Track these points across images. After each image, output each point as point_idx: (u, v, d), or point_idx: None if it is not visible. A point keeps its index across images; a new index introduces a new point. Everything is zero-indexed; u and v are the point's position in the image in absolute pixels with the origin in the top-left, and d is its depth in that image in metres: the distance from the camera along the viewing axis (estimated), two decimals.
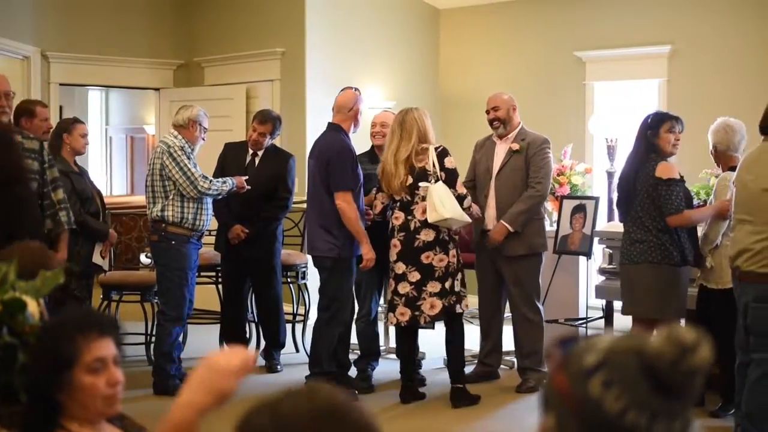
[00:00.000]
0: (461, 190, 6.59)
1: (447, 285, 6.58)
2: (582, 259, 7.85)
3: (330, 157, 6.75)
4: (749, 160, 5.50)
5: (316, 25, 9.87)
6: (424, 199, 6.51)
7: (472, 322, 8.01)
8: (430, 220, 6.49)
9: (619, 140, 8.50)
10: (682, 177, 6.11)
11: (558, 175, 8.24)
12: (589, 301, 7.98)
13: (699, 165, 7.42)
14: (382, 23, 10.50)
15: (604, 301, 7.43)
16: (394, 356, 7.67)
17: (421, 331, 7.14)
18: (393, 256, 6.63)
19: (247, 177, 7.33)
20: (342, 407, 1.56)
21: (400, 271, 6.60)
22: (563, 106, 9.90)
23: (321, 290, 6.96)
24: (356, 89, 7.09)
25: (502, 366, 7.59)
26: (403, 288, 6.59)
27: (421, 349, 7.53)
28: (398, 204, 6.64)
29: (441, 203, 6.43)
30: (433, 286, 6.56)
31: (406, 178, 6.54)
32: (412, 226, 6.58)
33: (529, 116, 8.40)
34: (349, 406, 1.57)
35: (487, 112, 7.21)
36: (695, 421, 1.54)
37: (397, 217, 6.64)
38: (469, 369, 7.32)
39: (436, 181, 6.49)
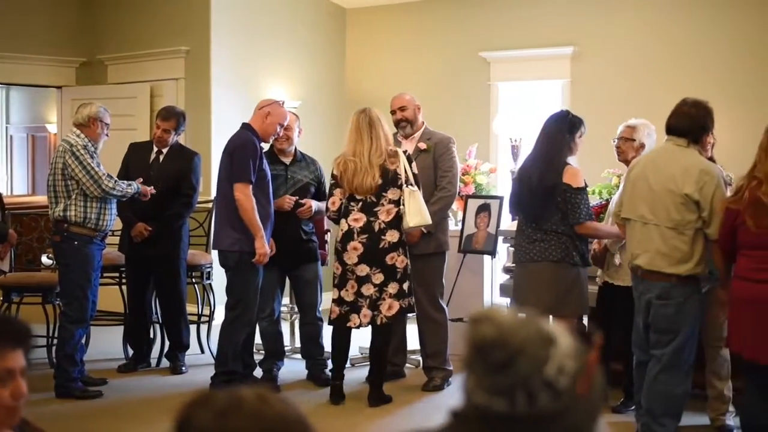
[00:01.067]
0: None
1: (405, 286, 6.60)
2: (486, 258, 7.91)
3: (233, 150, 6.72)
4: (652, 160, 5.58)
5: (221, 23, 9.80)
6: (395, 203, 6.51)
7: None
8: (411, 224, 6.51)
9: (523, 140, 8.59)
10: (585, 184, 6.17)
11: (463, 174, 8.30)
12: (493, 300, 8.06)
13: (601, 164, 7.51)
14: (289, 22, 10.47)
15: (508, 300, 7.50)
16: (299, 356, 7.67)
17: (324, 331, 7.17)
18: (353, 258, 6.53)
19: (152, 188, 7.21)
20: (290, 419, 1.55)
21: (364, 273, 6.54)
22: (468, 106, 9.99)
23: (228, 289, 6.89)
24: (280, 102, 7.13)
25: (407, 365, 7.62)
26: (368, 290, 6.54)
27: (326, 349, 7.52)
28: (360, 205, 6.57)
29: (425, 208, 6.54)
30: (393, 287, 6.55)
31: (377, 179, 6.51)
32: (376, 228, 6.53)
33: (435, 116, 8.47)
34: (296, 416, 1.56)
35: (393, 112, 7.24)
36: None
37: (357, 219, 6.55)
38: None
39: (407, 185, 6.50)
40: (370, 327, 6.65)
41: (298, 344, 7.95)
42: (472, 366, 1.55)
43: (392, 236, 6.52)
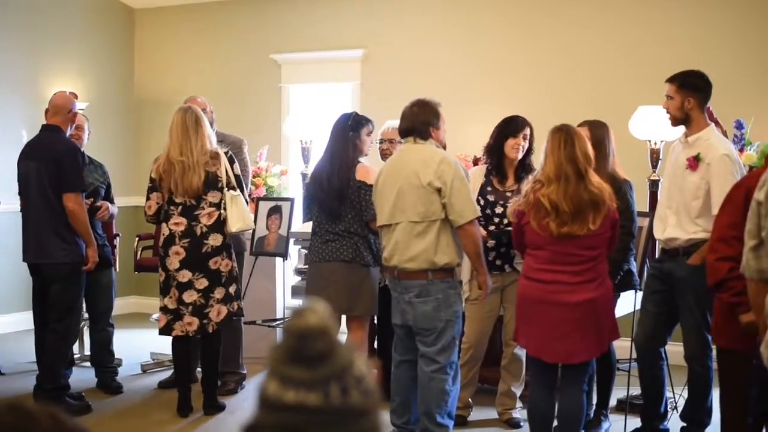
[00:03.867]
0: None
1: (231, 290, 6.47)
2: (278, 260, 7.92)
3: (59, 158, 6.42)
4: (392, 164, 5.66)
5: (1, 24, 9.45)
6: (216, 206, 6.38)
7: None
8: (233, 230, 6.39)
9: (313, 142, 8.65)
10: None
11: (254, 176, 8.29)
12: (286, 302, 8.07)
13: None
14: (73, 22, 10.19)
15: (300, 301, 7.52)
16: (88, 364, 7.49)
17: (114, 338, 7.02)
18: (175, 264, 6.36)
19: None
20: None
21: (185, 279, 6.36)
22: (260, 108, 9.97)
23: (55, 301, 6.56)
24: (72, 93, 6.85)
25: (199, 369, 7.54)
26: (190, 297, 6.36)
27: (117, 356, 7.37)
28: (180, 208, 6.39)
29: (247, 213, 6.46)
30: (219, 292, 6.40)
31: (203, 179, 6.34)
32: (198, 232, 6.36)
33: (227, 118, 8.44)
34: None
35: None
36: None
37: (178, 223, 6.36)
38: (168, 373, 7.27)
39: (229, 189, 6.38)
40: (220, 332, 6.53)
41: (87, 352, 7.74)
42: (287, 361, 1.55)
43: (215, 240, 6.38)
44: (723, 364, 5.10)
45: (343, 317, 6.20)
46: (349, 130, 6.15)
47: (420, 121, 5.54)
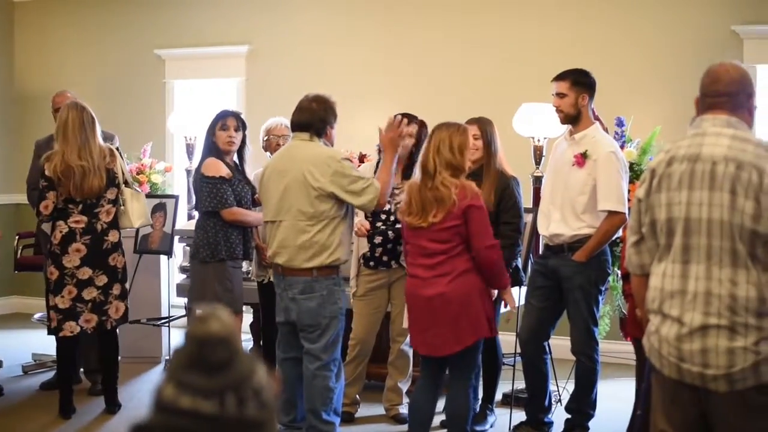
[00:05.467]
0: None
1: (126, 286, 6.42)
2: (163, 257, 7.82)
3: None
4: (279, 158, 5.61)
5: None
6: (113, 202, 6.29)
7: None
8: (136, 225, 6.44)
9: (198, 138, 8.56)
10: (229, 177, 6.18)
11: (138, 173, 8.17)
12: (171, 300, 7.98)
13: None
14: None
15: (186, 299, 7.44)
16: None
17: None
18: (75, 261, 6.22)
19: None
20: None
21: (86, 276, 6.24)
22: (143, 104, 9.83)
23: None
24: None
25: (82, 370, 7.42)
26: (89, 293, 6.25)
27: None
28: (80, 207, 6.24)
29: (147, 209, 6.46)
30: (117, 289, 6.34)
31: (104, 180, 6.23)
32: (99, 228, 6.27)
33: (110, 113, 8.32)
34: None
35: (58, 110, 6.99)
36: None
37: (78, 221, 6.24)
38: (50, 375, 7.14)
39: (126, 185, 6.33)
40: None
41: None
42: (186, 366, 1.52)
43: (114, 236, 6.33)
44: (638, 355, 5.22)
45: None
46: (209, 128, 6.28)
47: (320, 119, 5.50)
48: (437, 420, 5.72)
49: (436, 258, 5.15)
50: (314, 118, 5.50)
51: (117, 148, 6.45)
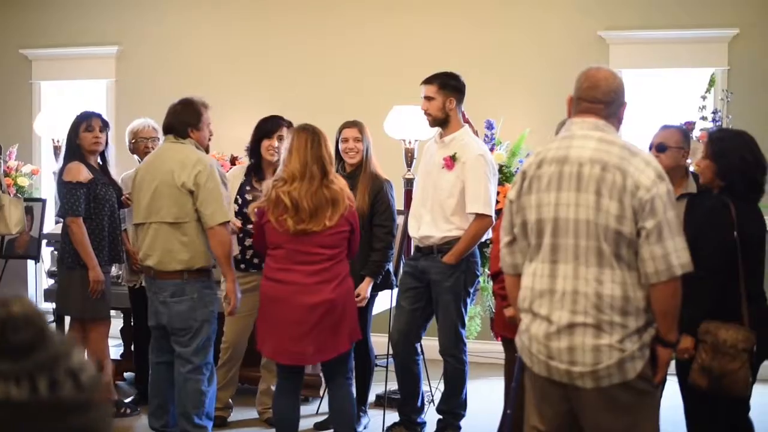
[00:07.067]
0: None
1: None
2: (30, 262, 7.65)
3: None
4: (150, 161, 5.59)
5: None
6: None
7: None
8: (14, 232, 6.37)
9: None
10: (86, 180, 6.10)
11: (4, 176, 7.98)
12: (39, 306, 7.79)
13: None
14: None
15: (53, 305, 7.29)
16: None
17: None
18: None
19: None
20: None
21: None
22: (8, 106, 9.59)
23: None
24: None
25: None
26: None
27: None
28: None
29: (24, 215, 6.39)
30: None
31: None
32: None
33: None
34: None
35: None
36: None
37: None
38: None
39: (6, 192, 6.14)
40: None
41: None
42: None
43: None
44: (506, 354, 5.29)
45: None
46: (70, 130, 6.23)
47: (179, 120, 5.48)
48: (310, 422, 5.71)
49: (321, 264, 5.11)
50: (175, 120, 5.50)
51: None
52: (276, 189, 5.12)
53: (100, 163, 6.28)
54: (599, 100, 3.60)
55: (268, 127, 6.24)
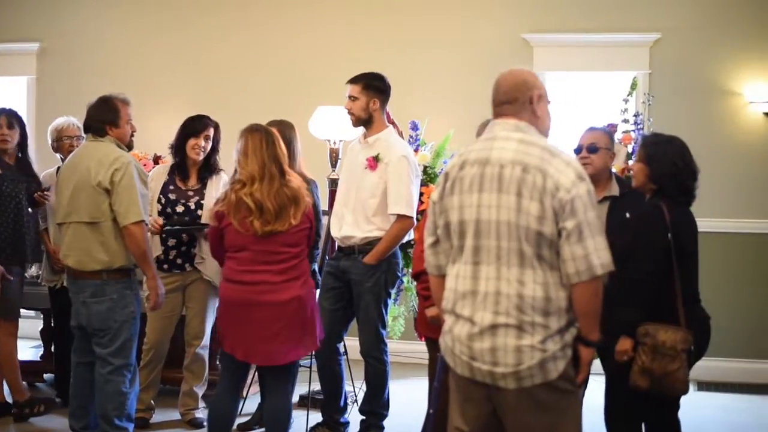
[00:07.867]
0: None
1: None
2: None
3: None
4: (70, 159, 5.55)
5: None
6: None
7: None
8: None
9: None
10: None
11: None
12: None
13: None
14: None
15: None
16: None
17: None
18: None
19: None
20: None
21: None
22: None
23: None
24: None
25: None
26: None
27: None
28: None
29: None
30: None
31: None
32: None
33: None
34: None
35: None
36: None
37: None
38: None
39: None
40: None
41: None
42: None
43: None
44: (430, 354, 5.32)
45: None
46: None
47: (97, 119, 5.43)
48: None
49: (288, 262, 5.10)
50: (92, 118, 5.46)
51: None
52: (235, 192, 5.06)
53: (20, 157, 6.21)
54: (502, 101, 3.62)
55: (196, 126, 6.21)
